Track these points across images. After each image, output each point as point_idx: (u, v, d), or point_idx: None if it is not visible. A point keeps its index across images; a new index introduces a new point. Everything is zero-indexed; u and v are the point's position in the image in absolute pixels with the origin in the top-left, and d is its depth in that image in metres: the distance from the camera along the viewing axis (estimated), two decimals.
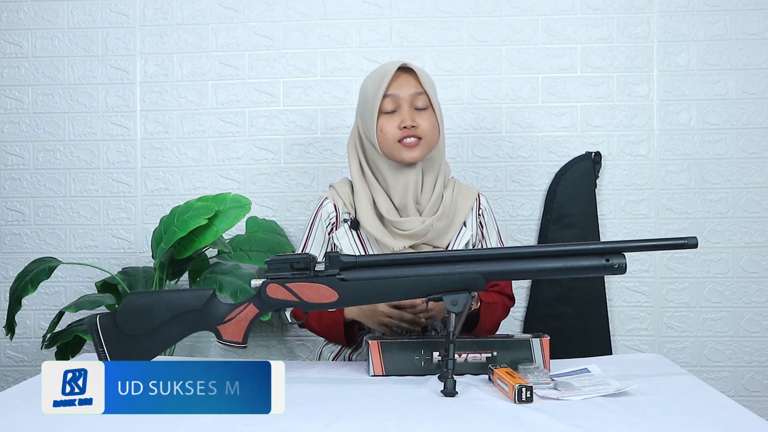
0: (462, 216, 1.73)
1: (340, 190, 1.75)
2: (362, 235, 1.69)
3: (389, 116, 1.64)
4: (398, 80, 1.65)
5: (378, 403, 1.23)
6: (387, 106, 1.64)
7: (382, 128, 1.64)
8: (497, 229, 1.82)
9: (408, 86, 1.65)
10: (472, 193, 1.77)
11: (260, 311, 1.36)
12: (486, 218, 1.78)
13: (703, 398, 1.26)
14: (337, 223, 1.71)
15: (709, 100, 2.32)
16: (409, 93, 1.64)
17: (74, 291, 2.39)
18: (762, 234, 2.32)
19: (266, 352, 2.38)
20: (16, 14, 2.40)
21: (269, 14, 2.37)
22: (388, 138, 1.63)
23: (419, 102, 1.65)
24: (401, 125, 1.62)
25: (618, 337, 2.35)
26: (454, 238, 1.72)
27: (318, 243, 1.73)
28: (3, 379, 2.42)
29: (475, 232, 1.75)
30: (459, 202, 1.73)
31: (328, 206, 1.73)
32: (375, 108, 1.64)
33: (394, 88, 1.64)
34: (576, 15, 2.34)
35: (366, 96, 1.68)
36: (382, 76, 1.65)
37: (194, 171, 2.39)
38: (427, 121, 1.65)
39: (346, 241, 1.68)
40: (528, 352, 1.42)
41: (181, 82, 2.39)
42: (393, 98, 1.64)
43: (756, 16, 2.31)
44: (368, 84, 1.68)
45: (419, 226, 1.64)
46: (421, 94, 1.65)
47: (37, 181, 2.41)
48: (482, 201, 1.79)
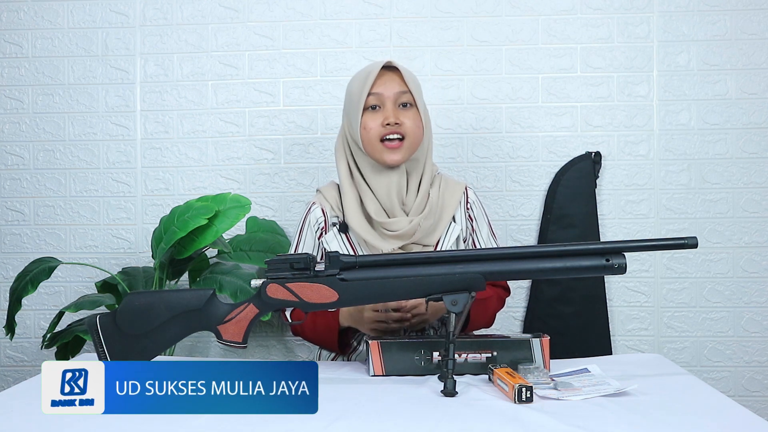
0: (450, 212, 1.72)
1: (327, 194, 1.74)
2: (351, 237, 1.69)
3: (373, 113, 1.65)
4: (383, 78, 1.65)
5: (378, 403, 1.23)
6: (371, 103, 1.65)
7: (366, 125, 1.64)
8: (488, 222, 1.79)
9: (392, 84, 1.65)
10: (459, 187, 1.76)
11: (260, 311, 1.36)
12: (475, 212, 1.76)
13: (703, 398, 1.26)
14: (326, 228, 1.71)
15: (709, 100, 2.32)
16: (394, 91, 1.65)
17: (74, 291, 2.39)
18: (762, 234, 2.32)
19: (266, 352, 2.38)
20: (16, 14, 2.40)
21: (269, 14, 2.37)
22: (371, 135, 1.63)
23: (403, 99, 1.66)
24: (384, 122, 1.63)
25: (618, 337, 2.35)
26: (443, 235, 1.71)
27: (308, 248, 1.72)
28: (3, 379, 2.42)
29: (464, 226, 1.74)
30: (446, 198, 1.72)
31: (316, 211, 1.72)
32: (360, 106, 1.64)
33: (379, 86, 1.65)
34: (576, 15, 2.34)
35: (351, 94, 1.68)
36: (367, 74, 1.66)
37: (194, 171, 2.39)
38: (410, 119, 1.65)
39: (335, 244, 1.68)
40: (528, 352, 1.42)
41: (181, 82, 2.39)
42: (377, 96, 1.65)
43: (756, 16, 2.31)
44: (353, 83, 1.69)
45: (407, 226, 1.64)
46: (406, 92, 1.65)
47: (37, 181, 2.41)
48: (470, 194, 1.77)
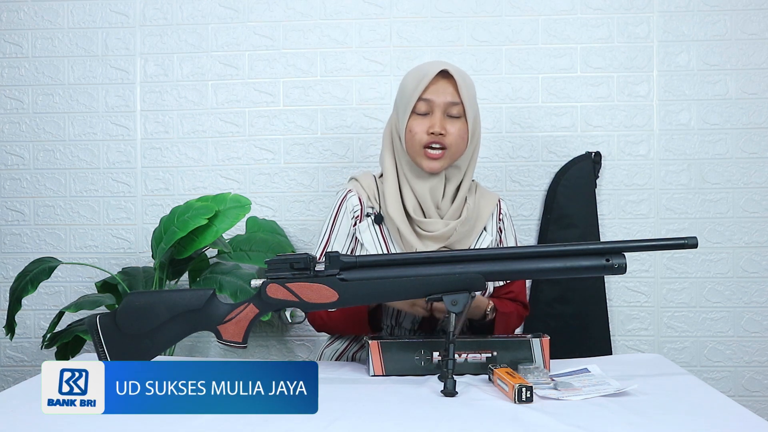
0: (483, 221, 1.72)
1: (364, 183, 1.73)
2: (385, 230, 1.68)
3: (421, 118, 1.63)
4: (436, 85, 1.62)
5: (378, 403, 1.23)
6: (420, 108, 1.63)
7: (411, 128, 1.63)
8: (515, 235, 1.82)
9: (445, 94, 1.62)
10: (494, 198, 1.77)
11: (260, 311, 1.36)
12: (505, 224, 1.78)
13: (703, 398, 1.26)
14: (361, 217, 1.70)
15: (709, 100, 2.32)
16: (445, 101, 1.62)
17: (74, 291, 2.39)
18: (762, 234, 2.32)
19: (266, 352, 2.38)
20: (16, 14, 2.40)
21: (269, 14, 2.37)
22: (415, 140, 1.63)
23: (453, 111, 1.63)
24: (430, 130, 1.61)
25: (618, 337, 2.35)
26: (475, 243, 1.71)
27: (343, 235, 1.69)
28: (3, 379, 2.42)
29: (494, 237, 1.75)
30: (481, 207, 1.73)
31: (353, 199, 1.70)
32: (409, 107, 1.63)
33: (431, 92, 1.62)
34: (576, 15, 2.34)
35: (404, 92, 1.66)
36: (422, 77, 1.63)
37: (194, 171, 2.39)
38: (456, 130, 1.63)
39: (368, 235, 1.67)
40: (528, 352, 1.42)
41: (181, 82, 2.39)
42: (427, 103, 1.62)
43: (756, 16, 2.31)
44: (408, 81, 1.67)
45: (443, 228, 1.63)
46: (457, 104, 1.63)
47: (37, 181, 2.41)
48: (503, 207, 1.79)
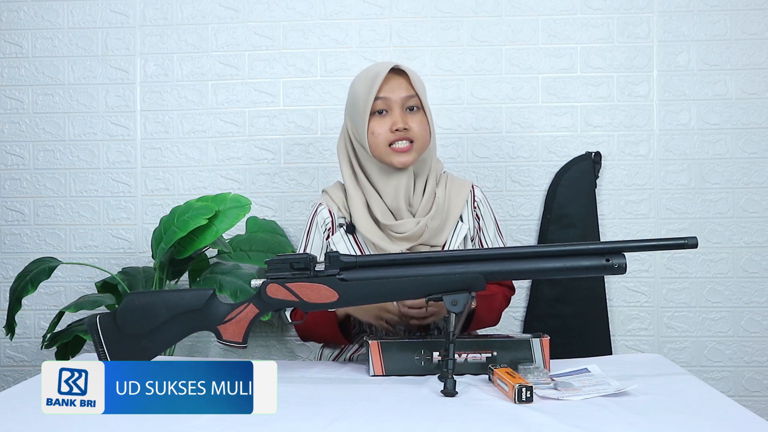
0: (457, 211, 1.70)
1: (333, 195, 1.73)
2: (359, 239, 1.68)
3: (380, 118, 1.62)
4: (390, 82, 1.62)
5: (378, 403, 1.23)
6: (378, 107, 1.62)
7: (374, 131, 1.62)
8: (495, 221, 1.78)
9: (400, 89, 1.62)
10: (466, 186, 1.74)
11: (260, 311, 1.37)
12: (482, 210, 1.75)
13: (703, 398, 1.26)
14: (333, 229, 1.70)
15: (709, 100, 2.32)
16: (401, 96, 1.62)
17: (74, 291, 2.39)
18: (762, 234, 2.32)
19: (266, 352, 2.38)
20: (16, 14, 2.40)
21: (269, 14, 2.37)
22: (380, 141, 1.61)
23: (411, 103, 1.63)
24: (393, 128, 1.60)
25: (618, 337, 2.35)
26: (451, 235, 1.69)
27: (317, 249, 1.71)
28: (3, 379, 2.42)
29: (471, 225, 1.73)
30: (452, 198, 1.71)
31: (323, 212, 1.71)
32: (366, 110, 1.61)
33: (386, 90, 1.62)
34: (576, 15, 2.34)
35: (356, 97, 1.65)
36: (374, 77, 1.62)
37: (194, 171, 2.39)
38: (418, 123, 1.63)
39: (342, 245, 1.67)
40: (528, 352, 1.42)
41: (181, 82, 2.39)
42: (385, 101, 1.62)
43: (756, 16, 2.31)
44: (358, 85, 1.66)
45: (414, 227, 1.63)
46: (413, 96, 1.63)
47: (37, 181, 2.41)
48: (477, 193, 1.76)
